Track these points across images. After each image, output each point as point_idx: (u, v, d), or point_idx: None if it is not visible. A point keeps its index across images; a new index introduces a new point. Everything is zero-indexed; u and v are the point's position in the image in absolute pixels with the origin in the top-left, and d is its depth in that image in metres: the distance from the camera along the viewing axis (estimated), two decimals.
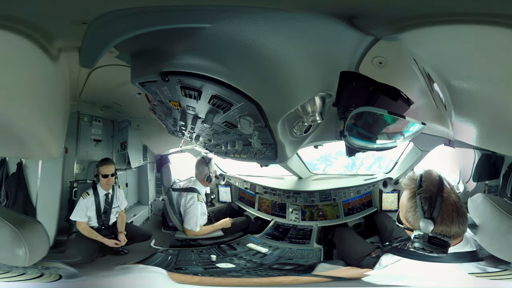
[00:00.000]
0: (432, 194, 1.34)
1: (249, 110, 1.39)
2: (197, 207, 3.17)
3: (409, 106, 1.40)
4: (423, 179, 1.40)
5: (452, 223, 1.29)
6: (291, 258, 2.86)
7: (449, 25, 0.78)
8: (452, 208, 1.30)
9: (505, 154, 2.56)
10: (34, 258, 1.43)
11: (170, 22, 0.95)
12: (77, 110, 3.26)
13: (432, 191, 1.34)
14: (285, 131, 1.71)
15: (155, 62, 1.21)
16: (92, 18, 0.98)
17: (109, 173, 2.99)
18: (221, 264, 2.71)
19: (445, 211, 1.30)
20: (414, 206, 1.37)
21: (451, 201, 1.32)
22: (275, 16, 0.92)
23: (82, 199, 2.89)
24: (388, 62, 1.13)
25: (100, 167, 2.99)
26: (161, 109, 1.98)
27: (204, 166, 3.32)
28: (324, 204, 3.56)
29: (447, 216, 1.29)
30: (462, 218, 1.31)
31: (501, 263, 1.39)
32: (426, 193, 1.35)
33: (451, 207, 1.31)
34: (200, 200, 3.22)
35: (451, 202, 1.31)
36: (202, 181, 3.36)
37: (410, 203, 1.40)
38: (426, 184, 1.37)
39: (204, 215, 3.29)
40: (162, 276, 1.79)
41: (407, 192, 1.43)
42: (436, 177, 1.39)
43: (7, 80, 1.05)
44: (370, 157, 6.35)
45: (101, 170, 2.97)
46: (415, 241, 1.35)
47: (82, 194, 2.91)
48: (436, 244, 1.30)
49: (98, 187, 2.99)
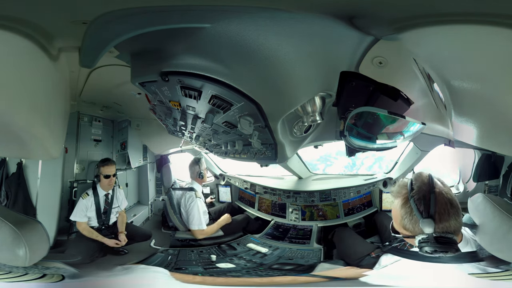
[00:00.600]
0: (425, 193, 1.32)
1: (249, 110, 1.39)
2: (197, 204, 3.25)
3: (409, 106, 1.40)
4: (414, 181, 1.38)
5: (449, 217, 1.28)
6: (291, 258, 2.86)
7: (449, 25, 0.78)
8: (445, 201, 1.30)
9: (505, 154, 2.56)
10: (34, 258, 1.42)
11: (170, 22, 0.95)
12: (77, 110, 3.26)
13: (425, 190, 1.33)
14: (285, 131, 1.71)
15: (155, 62, 1.21)
16: (92, 18, 0.98)
17: (111, 174, 2.97)
18: (221, 264, 2.71)
19: (440, 206, 1.29)
20: (409, 210, 1.34)
21: (443, 195, 1.31)
22: (275, 16, 0.92)
23: (82, 200, 2.87)
24: (388, 62, 1.13)
25: (102, 167, 2.95)
26: (161, 109, 1.98)
27: (195, 165, 3.48)
28: (324, 204, 3.56)
29: (443, 211, 1.28)
30: (455, 209, 1.30)
31: (501, 263, 1.38)
32: (419, 194, 1.33)
33: (444, 200, 1.30)
34: (198, 196, 3.31)
35: (443, 196, 1.31)
36: (197, 179, 3.47)
37: (404, 209, 1.37)
38: (417, 185, 1.35)
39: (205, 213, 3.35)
40: (165, 276, 1.79)
41: (399, 199, 1.40)
42: (426, 177, 1.38)
43: (7, 80, 1.05)
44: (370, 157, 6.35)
45: (103, 171, 2.94)
46: (423, 246, 1.31)
47: (82, 195, 2.90)
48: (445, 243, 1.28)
49: (98, 187, 2.96)
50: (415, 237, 1.35)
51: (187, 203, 3.28)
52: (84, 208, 2.86)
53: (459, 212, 1.32)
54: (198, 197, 3.31)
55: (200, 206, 3.26)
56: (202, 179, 3.49)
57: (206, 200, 3.84)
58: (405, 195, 1.38)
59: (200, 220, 3.20)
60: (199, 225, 3.20)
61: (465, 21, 0.76)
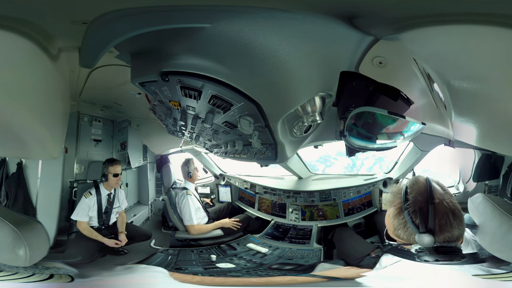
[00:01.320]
0: (421, 204, 1.18)
1: (249, 110, 1.39)
2: (188, 200, 3.38)
3: (409, 106, 1.40)
4: (409, 190, 1.24)
5: (452, 227, 1.16)
6: (291, 258, 2.86)
7: (449, 25, 0.78)
8: (446, 212, 1.17)
9: (505, 154, 2.56)
10: (34, 258, 1.42)
11: (170, 22, 0.95)
12: (77, 110, 3.27)
13: (421, 201, 1.18)
14: (285, 131, 1.71)
15: (155, 62, 1.21)
16: (92, 18, 0.98)
17: (119, 172, 3.05)
18: (221, 264, 2.71)
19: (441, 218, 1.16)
20: (403, 223, 1.22)
21: (444, 205, 1.17)
22: (275, 16, 0.92)
23: (85, 199, 2.87)
24: (388, 62, 1.13)
25: (111, 166, 3.01)
26: (161, 109, 1.98)
27: (184, 166, 3.67)
28: (324, 204, 3.56)
29: (444, 222, 1.16)
30: (459, 219, 1.18)
31: (503, 264, 1.38)
32: (414, 206, 1.19)
33: (445, 211, 1.17)
34: (189, 193, 3.45)
35: (444, 206, 1.17)
36: (187, 179, 3.63)
37: (397, 220, 1.24)
38: (412, 195, 1.21)
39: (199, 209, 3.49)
40: (164, 275, 1.78)
41: (392, 209, 1.26)
42: (423, 184, 1.23)
43: (7, 80, 1.05)
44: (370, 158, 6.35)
45: (112, 170, 3.00)
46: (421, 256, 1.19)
47: (84, 194, 2.90)
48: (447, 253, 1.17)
49: (101, 186, 2.98)
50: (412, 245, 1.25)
51: (179, 200, 3.40)
52: (86, 207, 2.86)
53: (463, 220, 1.21)
54: (189, 194, 3.42)
55: (191, 203, 3.38)
56: (191, 178, 3.62)
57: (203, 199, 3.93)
58: (399, 205, 1.25)
59: (190, 216, 3.32)
60: (190, 220, 3.30)
61: (465, 21, 0.76)
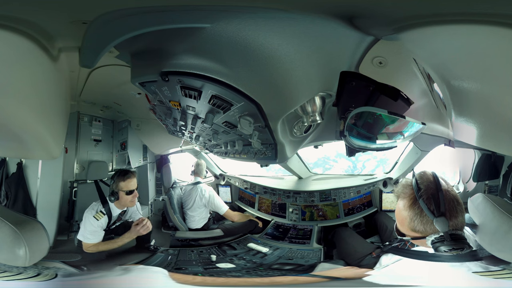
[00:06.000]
0: (433, 191, 1.31)
1: (249, 110, 1.39)
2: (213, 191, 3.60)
3: (409, 106, 1.40)
4: (419, 181, 1.36)
5: (458, 213, 1.28)
6: (291, 258, 2.86)
7: (449, 25, 0.78)
8: (451, 198, 1.30)
9: (505, 154, 2.56)
10: (34, 258, 1.43)
11: (170, 22, 0.95)
12: (77, 110, 3.27)
13: (433, 188, 1.32)
14: (285, 131, 1.71)
15: (155, 62, 1.21)
16: (92, 18, 0.98)
17: (134, 188, 2.49)
18: (221, 264, 2.71)
19: (449, 204, 1.28)
20: (419, 211, 1.31)
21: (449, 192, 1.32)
22: (275, 16, 0.92)
23: (96, 221, 2.43)
24: (388, 62, 1.13)
25: (122, 182, 2.44)
26: (161, 109, 1.98)
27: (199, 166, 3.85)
28: (324, 204, 3.56)
29: (452, 208, 1.28)
30: (461, 206, 1.31)
31: (502, 262, 1.38)
32: (427, 193, 1.31)
33: (451, 197, 1.30)
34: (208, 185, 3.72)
35: (450, 193, 1.31)
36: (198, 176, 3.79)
37: (412, 210, 1.33)
38: (424, 184, 1.34)
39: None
40: (164, 276, 1.78)
41: (406, 200, 1.36)
42: (431, 175, 1.37)
43: (7, 80, 1.05)
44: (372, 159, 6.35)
45: (123, 186, 2.44)
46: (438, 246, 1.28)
47: (95, 215, 2.45)
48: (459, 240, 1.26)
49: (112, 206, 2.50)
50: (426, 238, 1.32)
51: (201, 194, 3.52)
52: (99, 229, 2.46)
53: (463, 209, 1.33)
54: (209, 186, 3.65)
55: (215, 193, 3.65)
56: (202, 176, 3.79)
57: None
58: (412, 195, 1.35)
59: (223, 202, 3.60)
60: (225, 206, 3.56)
61: (465, 21, 0.76)
